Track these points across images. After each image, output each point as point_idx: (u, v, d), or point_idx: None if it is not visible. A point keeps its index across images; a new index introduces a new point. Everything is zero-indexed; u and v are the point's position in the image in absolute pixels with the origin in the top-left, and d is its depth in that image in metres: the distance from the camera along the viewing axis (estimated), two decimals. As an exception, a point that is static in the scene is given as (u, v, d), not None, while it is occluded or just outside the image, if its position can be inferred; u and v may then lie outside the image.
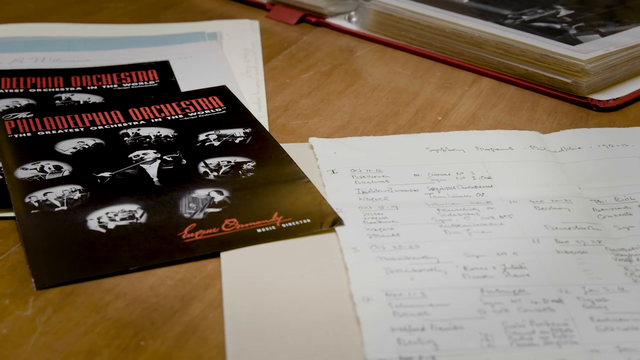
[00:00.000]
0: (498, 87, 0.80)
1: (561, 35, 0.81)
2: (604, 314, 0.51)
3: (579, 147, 0.69)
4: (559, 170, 0.66)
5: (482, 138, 0.70)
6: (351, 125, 0.73)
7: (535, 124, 0.73)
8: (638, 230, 0.59)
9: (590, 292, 0.53)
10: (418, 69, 0.84)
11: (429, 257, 0.56)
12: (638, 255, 0.57)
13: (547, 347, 0.49)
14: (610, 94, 0.77)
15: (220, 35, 0.92)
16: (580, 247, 0.57)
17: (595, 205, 0.62)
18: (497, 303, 0.52)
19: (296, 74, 0.83)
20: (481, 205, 0.61)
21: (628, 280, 0.54)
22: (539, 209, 0.61)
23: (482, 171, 0.65)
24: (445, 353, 0.48)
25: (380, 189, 0.63)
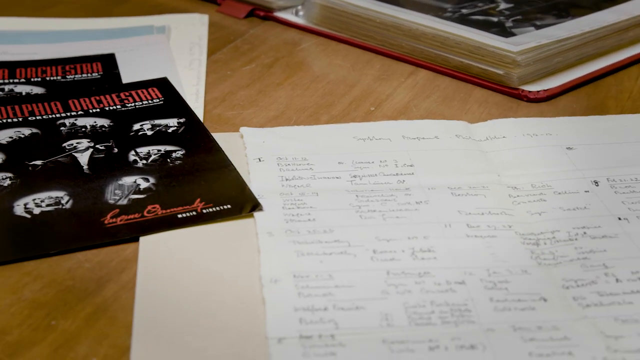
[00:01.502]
0: (434, 78, 0.82)
1: (497, 28, 0.82)
2: (503, 295, 0.53)
3: (504, 136, 0.71)
4: (481, 159, 0.67)
5: (410, 127, 0.71)
6: (285, 115, 0.75)
7: (465, 114, 0.75)
8: (549, 216, 0.60)
9: (494, 274, 0.55)
10: (358, 61, 0.86)
11: (341, 241, 0.57)
12: (545, 240, 0.58)
13: (444, 326, 0.51)
14: (542, 86, 0.78)
15: (169, 29, 0.93)
16: (490, 232, 0.59)
17: (511, 191, 0.63)
18: (401, 284, 0.54)
19: (238, 67, 0.84)
20: (400, 192, 0.63)
21: (532, 263, 0.56)
22: (455, 195, 0.63)
23: (405, 159, 0.67)
24: (344, 332, 0.50)
25: (303, 177, 0.65)
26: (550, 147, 0.69)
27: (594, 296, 0.53)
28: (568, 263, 0.56)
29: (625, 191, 0.63)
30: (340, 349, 0.49)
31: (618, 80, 0.81)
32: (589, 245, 0.57)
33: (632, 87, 0.79)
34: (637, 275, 0.54)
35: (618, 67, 0.83)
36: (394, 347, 0.49)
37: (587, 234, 0.58)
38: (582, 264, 0.56)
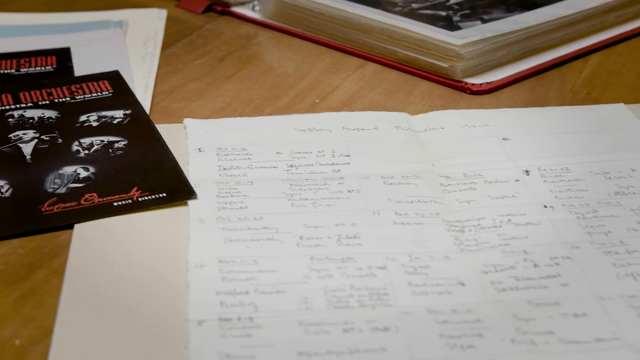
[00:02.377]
0: (381, 71, 0.83)
1: (444, 22, 0.84)
2: (422, 280, 0.54)
3: (442, 127, 0.72)
4: (418, 149, 0.69)
5: (350, 119, 0.73)
6: (231, 107, 0.76)
7: (408, 106, 0.76)
8: (477, 204, 0.62)
9: (416, 259, 0.56)
10: (309, 55, 0.87)
11: (269, 227, 0.59)
12: (470, 227, 0.59)
13: (361, 309, 0.52)
14: (486, 78, 0.79)
15: (127, 24, 0.94)
16: (417, 219, 0.60)
17: (443, 180, 0.65)
18: (324, 269, 0.55)
19: (190, 60, 0.86)
20: (334, 180, 0.64)
21: (455, 249, 0.57)
22: (387, 184, 0.64)
23: (342, 149, 0.68)
24: (263, 314, 0.51)
25: (241, 166, 0.66)
26: (487, 138, 0.70)
27: (510, 281, 0.54)
28: (490, 249, 0.57)
29: (555, 180, 0.64)
30: (257, 331, 0.50)
31: (562, 73, 0.82)
32: (512, 232, 0.59)
33: (575, 80, 0.81)
34: (554, 261, 0.56)
35: (563, 60, 0.84)
36: (309, 329, 0.50)
37: (511, 221, 0.60)
38: (503, 250, 0.57)
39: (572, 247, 0.57)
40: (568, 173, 0.65)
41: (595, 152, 0.68)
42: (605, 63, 0.84)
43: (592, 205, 0.61)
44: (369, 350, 0.49)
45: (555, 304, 0.52)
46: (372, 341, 0.49)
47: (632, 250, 0.57)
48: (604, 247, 0.57)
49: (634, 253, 0.56)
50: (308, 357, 0.48)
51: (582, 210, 0.61)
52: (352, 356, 0.48)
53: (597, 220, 0.60)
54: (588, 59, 0.85)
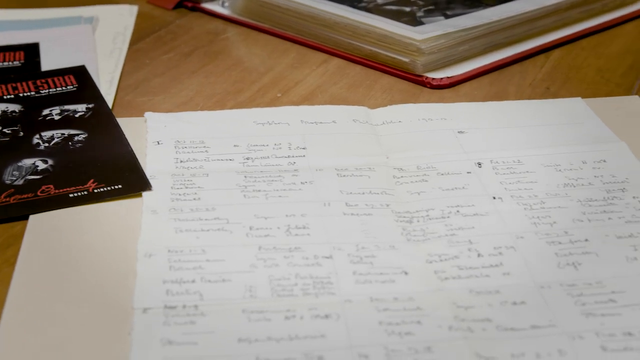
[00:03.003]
0: (345, 66, 0.84)
1: (408, 18, 0.85)
2: (367, 269, 0.55)
3: (400, 120, 0.73)
4: (374, 142, 0.70)
5: (309, 112, 0.74)
6: (193, 101, 0.77)
7: (368, 100, 0.77)
8: (427, 196, 0.63)
9: (362, 249, 0.57)
10: (275, 50, 0.88)
11: (220, 218, 0.60)
12: (419, 218, 0.60)
13: (305, 297, 0.53)
14: (447, 73, 0.80)
15: (97, 20, 0.95)
16: (367, 210, 0.61)
17: (396, 173, 0.66)
18: (270, 259, 0.56)
19: (157, 55, 0.87)
20: (288, 173, 0.65)
21: (402, 239, 0.58)
22: (341, 176, 0.65)
23: (299, 142, 0.69)
24: (208, 302, 0.52)
25: (198, 159, 0.67)
26: (443, 131, 0.71)
27: (454, 270, 0.55)
28: (436, 239, 0.58)
29: (506, 172, 0.65)
30: (201, 318, 0.51)
31: (523, 68, 0.83)
32: (459, 222, 0.60)
33: (535, 75, 0.82)
34: (498, 251, 0.57)
35: (526, 55, 0.85)
36: (252, 316, 0.51)
37: (459, 212, 0.61)
38: (449, 240, 0.58)
39: (516, 238, 0.58)
40: (520, 165, 0.66)
41: (548, 145, 0.69)
42: (567, 58, 0.85)
43: (540, 196, 0.62)
44: (308, 337, 0.50)
45: (496, 292, 0.53)
46: (312, 328, 0.50)
47: (575, 240, 0.58)
48: (548, 237, 0.58)
49: (577, 243, 0.57)
50: (248, 343, 0.49)
51: (530, 201, 0.62)
52: (292, 342, 0.49)
53: (544, 211, 0.61)
54: (550, 54, 0.86)
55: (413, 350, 0.49)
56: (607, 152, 0.68)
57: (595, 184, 0.64)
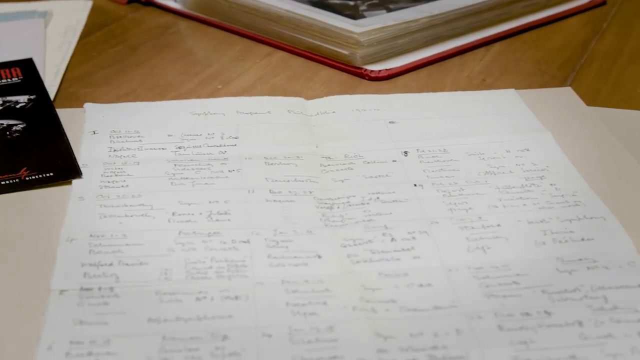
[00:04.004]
0: (288, 59, 0.85)
1: (350, 11, 0.86)
2: (282, 253, 0.57)
3: (334, 111, 0.74)
4: (305, 132, 0.71)
5: (246, 103, 0.75)
6: (135, 93, 0.78)
7: (306, 92, 0.78)
8: (351, 183, 0.64)
9: (280, 234, 0.58)
10: (222, 43, 0.89)
11: (145, 204, 0.61)
12: (340, 204, 0.62)
13: (218, 279, 0.54)
14: (386, 65, 0.82)
15: (51, 14, 0.97)
16: (290, 197, 0.62)
17: (324, 161, 0.67)
18: (189, 243, 0.57)
19: (105, 48, 0.88)
20: (217, 161, 0.67)
21: (320, 224, 0.60)
22: (268, 165, 0.66)
23: (232, 132, 0.71)
24: (123, 285, 0.54)
25: (131, 148, 0.68)
26: (374, 122, 0.73)
27: (366, 253, 0.57)
28: (353, 224, 0.60)
29: (430, 160, 0.67)
30: (114, 300, 0.52)
31: (463, 61, 0.85)
32: (377, 208, 0.61)
33: (474, 68, 0.83)
34: (412, 235, 0.58)
35: (466, 48, 0.87)
36: (164, 297, 0.53)
37: (379, 199, 0.62)
38: (366, 225, 0.59)
39: (431, 223, 0.60)
40: (445, 154, 0.68)
41: (476, 134, 0.70)
42: (507, 51, 0.87)
43: (460, 184, 0.64)
44: (217, 317, 0.51)
45: (405, 275, 0.55)
46: (221, 309, 0.52)
47: (488, 226, 0.59)
48: (462, 223, 0.59)
49: (489, 228, 0.59)
50: (157, 323, 0.51)
51: (450, 188, 0.63)
52: (200, 322, 0.51)
53: (462, 197, 0.62)
54: (491, 48, 0.88)
55: (315, 329, 0.50)
56: (531, 142, 0.69)
57: (516, 172, 0.65)
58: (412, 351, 0.48)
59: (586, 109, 0.75)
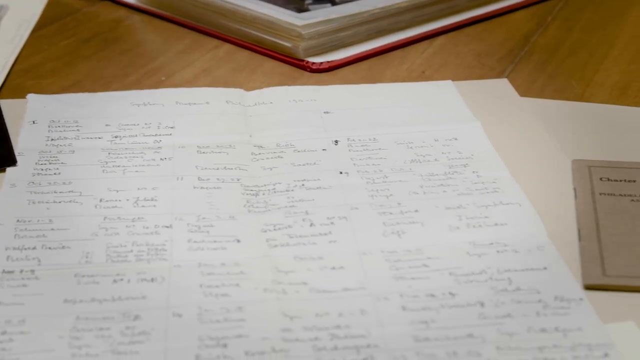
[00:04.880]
0: (234, 51, 0.87)
1: (296, 5, 0.88)
2: (202, 237, 0.58)
3: (272, 102, 0.76)
4: (241, 122, 0.73)
5: (185, 94, 0.77)
6: (80, 84, 0.80)
7: (248, 83, 0.80)
8: (279, 171, 0.66)
9: (203, 219, 0.60)
10: (171, 36, 0.91)
11: (74, 191, 0.63)
12: (265, 191, 0.63)
13: (137, 263, 0.56)
14: (328, 58, 0.84)
15: (7, 8, 0.98)
16: (217, 184, 0.64)
17: (255, 150, 0.69)
18: (112, 228, 0.59)
19: (57, 41, 0.90)
20: (151, 150, 0.68)
21: (244, 210, 0.61)
22: (200, 153, 0.68)
23: (169, 122, 0.72)
24: (44, 267, 0.55)
25: (68, 137, 0.70)
26: (310, 112, 0.74)
27: (284, 238, 0.58)
28: (275, 210, 0.61)
29: (359, 149, 0.69)
30: (34, 282, 0.54)
31: (405, 54, 0.86)
32: (301, 195, 0.63)
33: (415, 60, 0.85)
34: (330, 221, 0.60)
35: (410, 41, 0.88)
36: (82, 279, 0.54)
37: (304, 186, 0.64)
38: (287, 211, 0.61)
39: (351, 209, 0.61)
40: (374, 143, 0.70)
41: (407, 124, 0.72)
42: (450, 44, 0.89)
43: (385, 171, 0.66)
44: (130, 298, 0.53)
45: (319, 258, 0.56)
46: (136, 290, 0.53)
47: (406, 211, 0.61)
48: (381, 209, 0.61)
49: (407, 213, 0.60)
50: (72, 304, 0.52)
51: (374, 176, 0.65)
52: (114, 303, 0.52)
53: (385, 184, 0.64)
54: (434, 41, 0.89)
55: (225, 309, 0.52)
56: (460, 131, 0.71)
57: (441, 160, 0.67)
58: (315, 330, 0.50)
59: (519, 100, 0.76)
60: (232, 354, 0.48)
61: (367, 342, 0.49)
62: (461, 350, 0.48)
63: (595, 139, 0.70)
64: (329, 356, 0.48)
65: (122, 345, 0.49)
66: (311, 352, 0.48)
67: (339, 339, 0.49)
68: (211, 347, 0.49)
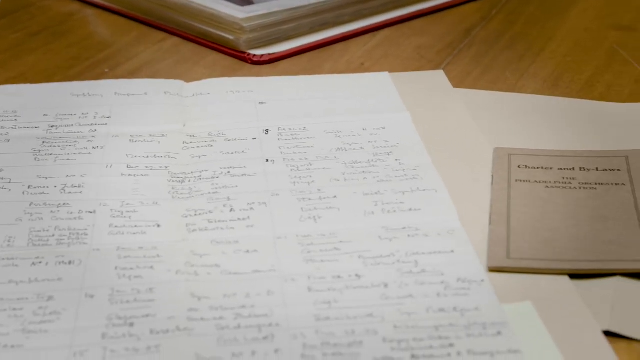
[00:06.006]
0: (180, 44, 0.89)
1: (242, -1, 0.89)
2: (123, 222, 0.60)
3: (209, 93, 0.78)
4: (177, 112, 0.74)
5: (124, 85, 0.78)
6: (24, 76, 0.82)
7: (189, 75, 0.82)
8: (207, 159, 0.67)
9: (127, 205, 0.62)
10: (121, 29, 0.93)
11: (4, 178, 0.64)
12: (191, 178, 0.65)
13: (58, 246, 0.57)
14: (270, 50, 0.85)
15: (-38, 2, 1.00)
16: (145, 171, 0.66)
17: (187, 139, 0.70)
18: (37, 213, 0.60)
19: (6, 35, 0.91)
20: (85, 139, 0.70)
21: (168, 197, 0.63)
22: (132, 142, 0.70)
23: (106, 112, 0.74)
24: (-35, 252, 0.57)
25: (5, 126, 0.72)
26: (245, 102, 0.76)
27: (204, 223, 0.60)
28: (199, 196, 0.63)
29: (288, 138, 0.70)
30: (-47, 266, 0.56)
31: (347, 46, 0.88)
32: (225, 182, 0.64)
33: (355, 53, 0.86)
34: (250, 206, 0.61)
35: (352, 34, 0.90)
36: (2, 262, 0.56)
37: (230, 173, 0.65)
38: (210, 197, 0.63)
39: (272, 195, 0.63)
40: (304, 132, 0.71)
41: (337, 114, 0.74)
42: (392, 37, 0.90)
43: (310, 159, 0.67)
44: (47, 280, 0.54)
45: (235, 242, 0.58)
46: (52, 272, 0.55)
47: (325, 197, 0.62)
48: (301, 195, 0.63)
49: (325, 199, 0.62)
50: (-11, 286, 0.54)
51: (299, 163, 0.67)
52: (30, 284, 0.54)
53: (308, 172, 0.66)
54: (377, 34, 0.91)
55: (136, 290, 0.53)
56: (388, 121, 0.72)
57: (366, 148, 0.68)
58: (221, 310, 0.52)
59: (451, 91, 0.78)
60: (138, 332, 0.50)
61: (270, 321, 0.51)
62: (359, 328, 0.50)
63: (520, 128, 0.72)
64: (231, 334, 0.50)
65: (32, 324, 0.51)
66: (214, 331, 0.50)
67: (242, 318, 0.51)
68: (118, 326, 0.50)
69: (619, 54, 0.85)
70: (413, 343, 0.49)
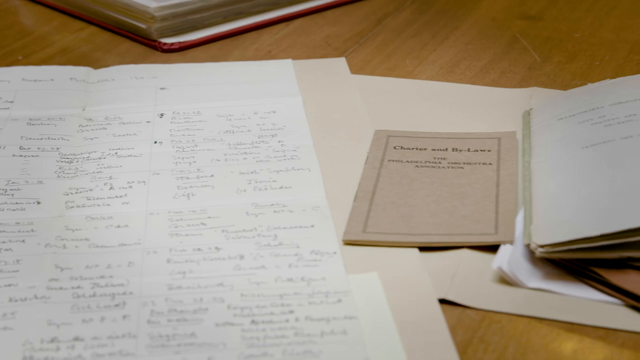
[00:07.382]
0: (97, 33, 0.91)
1: (158, -11, 0.92)
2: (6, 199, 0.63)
3: (114, 79, 0.80)
4: (78, 97, 0.77)
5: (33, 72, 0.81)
6: (-63, 64, 0.84)
7: (100, 62, 0.84)
8: (99, 141, 0.70)
9: (12, 184, 0.65)
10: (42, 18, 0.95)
11: None
12: (80, 159, 0.68)
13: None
14: (182, 38, 0.88)
15: None
16: (36, 153, 0.69)
17: (84, 122, 0.73)
18: None
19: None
20: (-15, 123, 0.73)
21: (53, 176, 0.66)
22: (30, 125, 0.73)
23: (9, 97, 0.77)
24: None
25: None
26: (147, 88, 0.79)
27: (82, 200, 0.63)
28: (83, 176, 0.66)
29: (181, 121, 0.73)
30: None
31: (259, 35, 0.91)
32: (111, 162, 0.67)
33: (265, 41, 0.89)
34: (130, 185, 0.64)
35: (266, 24, 0.93)
36: None
37: (117, 154, 0.68)
38: (94, 176, 0.65)
39: (152, 174, 0.66)
40: (197, 116, 0.74)
41: (233, 98, 0.77)
42: (304, 26, 0.93)
43: (197, 141, 0.70)
44: None
45: (109, 218, 0.61)
46: None
47: (202, 176, 0.65)
48: (180, 174, 0.66)
49: (202, 178, 0.65)
50: None
51: (185, 145, 0.69)
52: None
53: (192, 153, 0.68)
54: (291, 23, 0.94)
55: (3, 262, 0.56)
56: (280, 105, 0.75)
57: (253, 131, 0.71)
58: (80, 280, 0.55)
59: (348, 77, 0.81)
60: (-4, 301, 0.53)
61: (124, 290, 0.54)
62: (207, 297, 0.53)
63: (407, 112, 0.74)
64: (85, 302, 0.53)
65: None
66: (70, 299, 0.53)
67: (99, 287, 0.54)
68: (-22, 295, 0.53)
69: (520, 42, 0.88)
70: (255, 310, 0.52)
